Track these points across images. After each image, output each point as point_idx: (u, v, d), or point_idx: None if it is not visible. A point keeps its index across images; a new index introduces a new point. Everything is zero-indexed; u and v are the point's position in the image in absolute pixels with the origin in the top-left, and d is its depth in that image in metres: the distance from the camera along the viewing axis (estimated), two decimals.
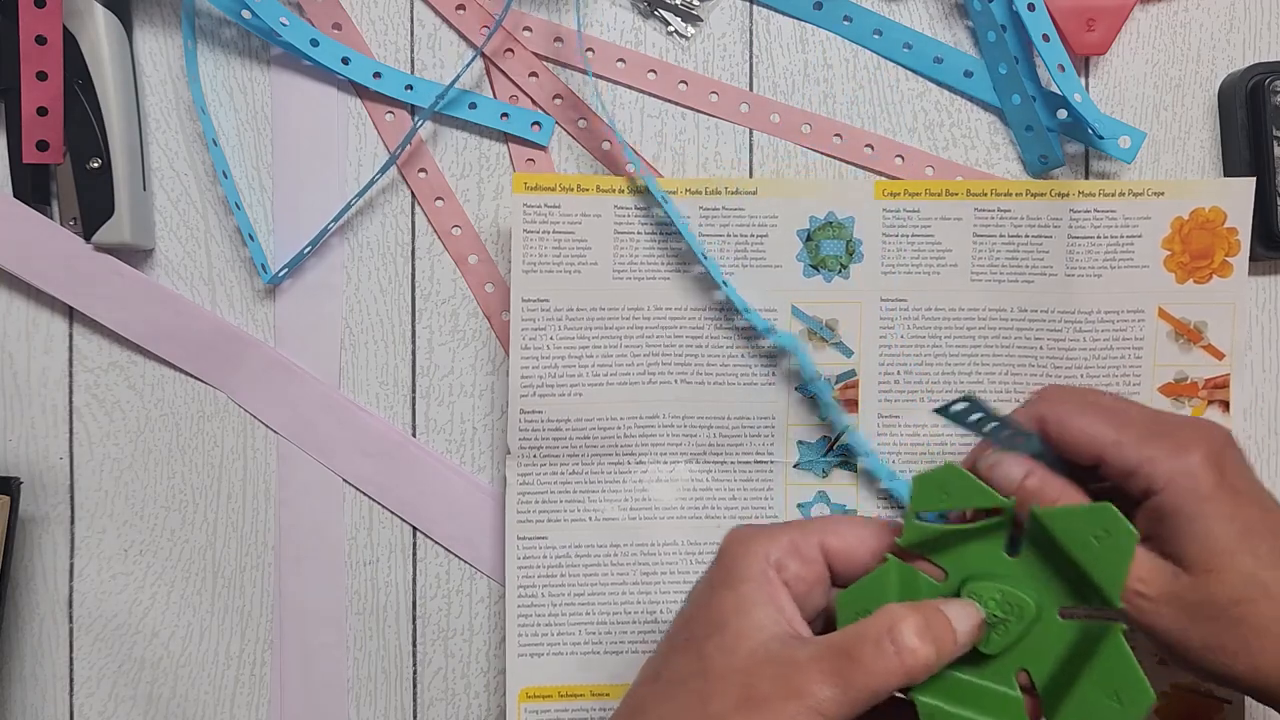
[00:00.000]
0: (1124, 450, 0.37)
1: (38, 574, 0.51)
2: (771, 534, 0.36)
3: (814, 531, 0.36)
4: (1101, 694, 0.34)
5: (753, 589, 0.34)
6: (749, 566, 0.35)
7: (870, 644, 0.33)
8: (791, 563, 0.35)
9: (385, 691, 0.51)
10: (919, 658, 0.33)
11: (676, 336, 0.50)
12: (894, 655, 0.33)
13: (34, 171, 0.50)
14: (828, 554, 0.36)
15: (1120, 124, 0.51)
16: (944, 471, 0.35)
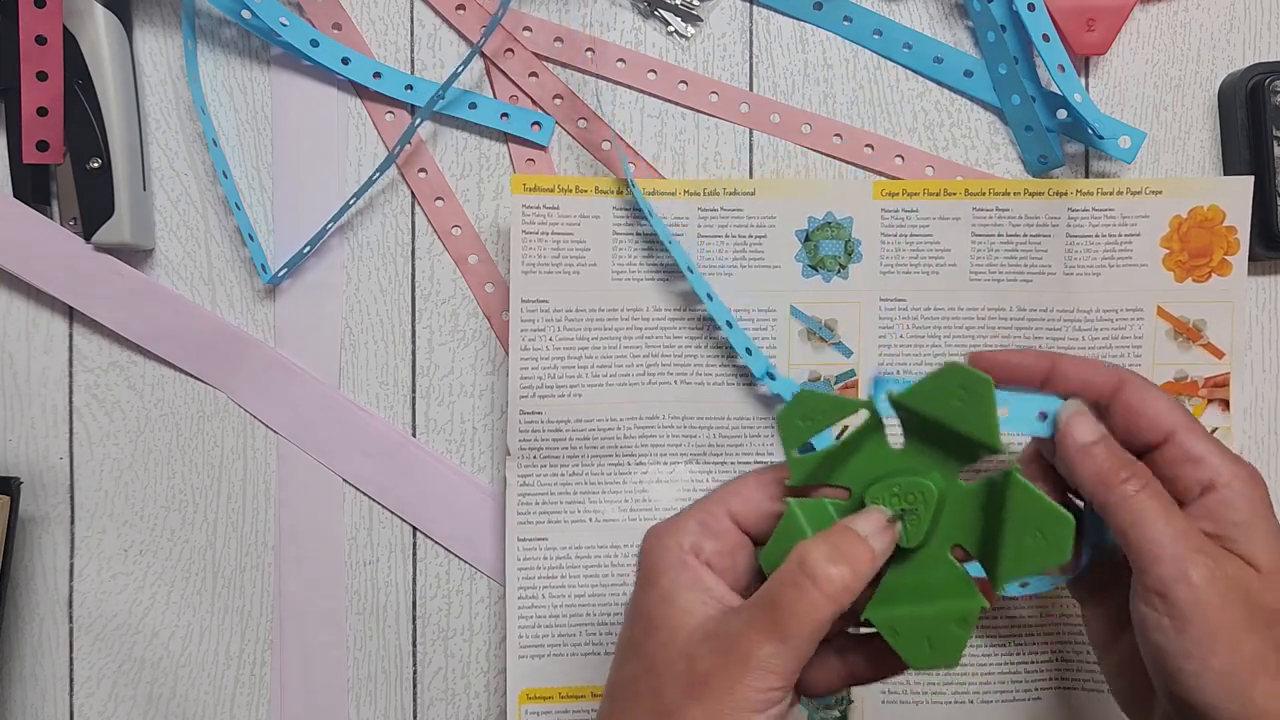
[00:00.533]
0: (1196, 437, 0.36)
1: (38, 574, 0.51)
2: (679, 522, 0.36)
3: (716, 503, 0.36)
4: (1026, 535, 0.34)
5: (673, 579, 0.35)
6: (664, 559, 0.35)
7: (789, 587, 0.33)
8: (706, 542, 0.35)
9: (385, 691, 0.51)
10: (836, 582, 0.33)
11: (676, 337, 0.50)
12: (814, 589, 0.33)
13: (34, 171, 0.50)
14: (737, 519, 0.36)
15: (1120, 124, 0.51)
16: (797, 400, 0.35)
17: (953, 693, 0.51)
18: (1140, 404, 0.37)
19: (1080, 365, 0.39)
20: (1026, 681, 0.51)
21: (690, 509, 0.36)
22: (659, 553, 0.35)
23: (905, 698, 0.51)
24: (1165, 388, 0.51)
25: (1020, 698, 0.51)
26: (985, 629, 0.51)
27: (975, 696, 0.51)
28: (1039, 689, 0.51)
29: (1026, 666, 0.51)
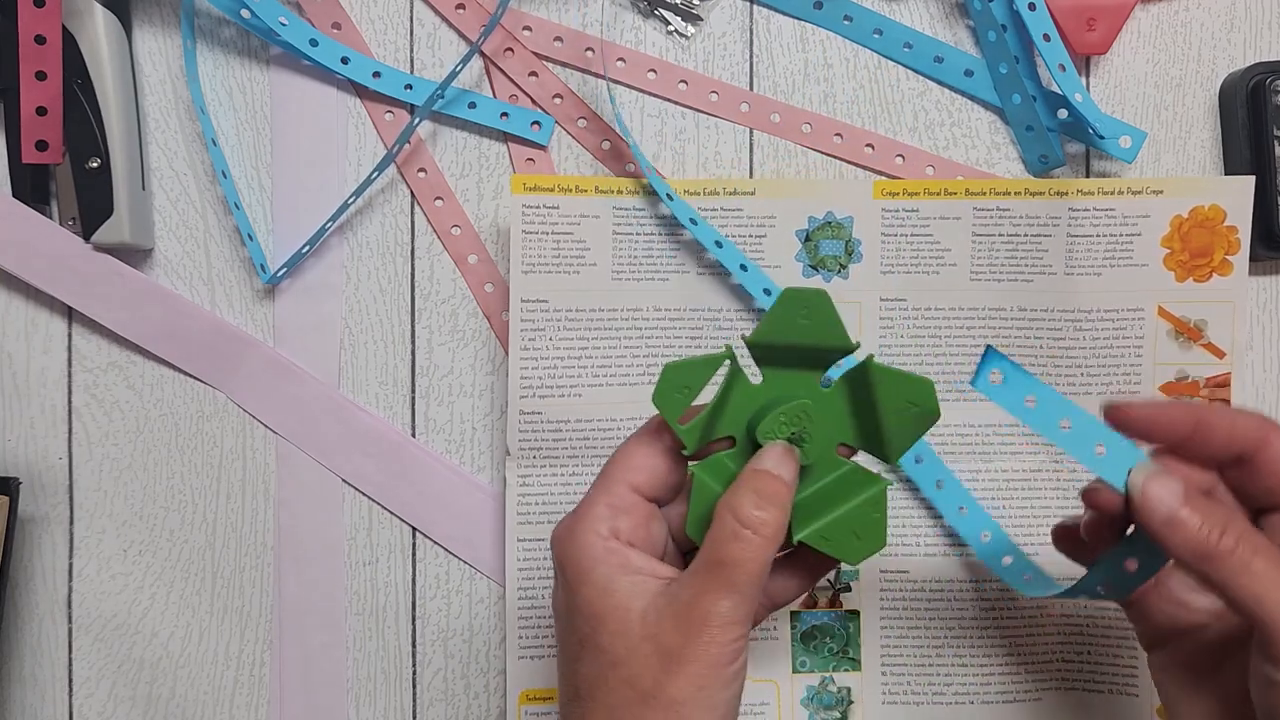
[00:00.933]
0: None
1: (37, 574, 0.51)
2: (586, 510, 0.36)
3: (615, 481, 0.36)
4: (901, 410, 0.36)
5: (604, 570, 0.35)
6: (588, 552, 0.35)
7: (729, 542, 0.34)
8: (620, 522, 0.36)
9: (385, 692, 0.51)
10: (771, 524, 0.34)
11: (676, 337, 0.50)
12: (753, 536, 0.34)
13: (33, 171, 0.50)
14: (639, 490, 0.36)
15: (1121, 124, 0.51)
16: (666, 376, 0.35)
17: (953, 693, 0.51)
18: (1217, 417, 0.36)
19: (1225, 416, 0.37)
20: (1027, 682, 0.51)
21: (591, 495, 0.36)
22: (580, 547, 0.35)
23: (905, 698, 0.51)
24: (1166, 388, 0.51)
25: (1021, 698, 0.51)
26: (986, 629, 0.51)
27: (975, 697, 0.51)
28: (1039, 689, 0.51)
29: (1027, 666, 0.51)
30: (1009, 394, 0.35)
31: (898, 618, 0.51)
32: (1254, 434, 0.36)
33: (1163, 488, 0.33)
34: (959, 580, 0.51)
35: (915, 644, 0.51)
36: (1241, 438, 0.36)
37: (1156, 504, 0.33)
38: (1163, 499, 0.33)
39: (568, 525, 0.36)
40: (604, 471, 0.37)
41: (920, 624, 0.51)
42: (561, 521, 0.37)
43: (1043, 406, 0.35)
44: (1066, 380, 0.51)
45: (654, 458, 0.36)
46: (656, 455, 0.37)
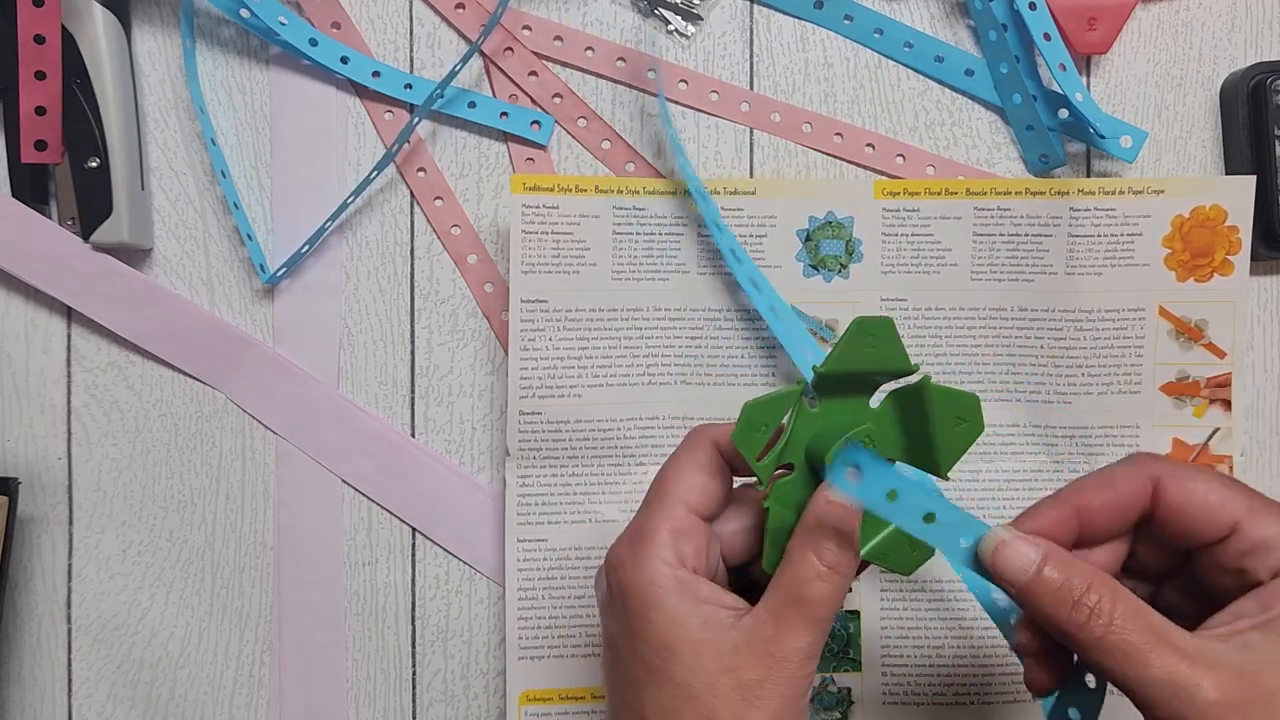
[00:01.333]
0: (1263, 519, 0.33)
1: (36, 575, 0.51)
2: (649, 538, 0.35)
3: (674, 504, 0.36)
4: (952, 425, 0.37)
5: (676, 600, 0.34)
6: (655, 580, 0.35)
7: (811, 582, 0.34)
8: (684, 548, 0.35)
9: (384, 692, 0.51)
10: (851, 560, 0.35)
11: (676, 337, 0.50)
12: (834, 575, 0.34)
13: (32, 171, 0.50)
14: (696, 511, 0.36)
15: (1122, 123, 0.51)
16: (746, 416, 0.35)
17: (953, 693, 0.51)
18: (1188, 505, 0.34)
19: (1100, 490, 0.35)
20: None
21: (650, 519, 0.36)
22: (646, 575, 0.35)
23: (905, 698, 0.51)
24: (1166, 388, 0.51)
25: (1021, 698, 0.51)
26: (987, 629, 0.51)
27: (976, 697, 0.51)
28: None
29: None
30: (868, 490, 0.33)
31: (898, 618, 0.51)
32: (1139, 488, 0.35)
33: (1010, 557, 0.33)
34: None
35: (915, 644, 0.51)
36: (1130, 502, 0.35)
37: (1008, 575, 0.33)
38: (1013, 568, 0.33)
39: (630, 551, 0.35)
40: (657, 493, 0.36)
41: (920, 624, 0.51)
42: (618, 545, 0.36)
43: (904, 499, 0.33)
44: (1067, 380, 0.51)
45: (706, 477, 0.36)
46: (708, 474, 0.36)
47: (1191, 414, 0.51)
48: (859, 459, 0.33)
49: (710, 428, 0.38)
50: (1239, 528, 0.33)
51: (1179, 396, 0.51)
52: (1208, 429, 0.51)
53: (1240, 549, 0.33)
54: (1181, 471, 0.34)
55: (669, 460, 0.37)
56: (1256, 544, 0.33)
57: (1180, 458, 0.51)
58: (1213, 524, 0.34)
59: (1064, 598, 0.32)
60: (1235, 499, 0.33)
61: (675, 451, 0.37)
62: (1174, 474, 0.34)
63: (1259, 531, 0.33)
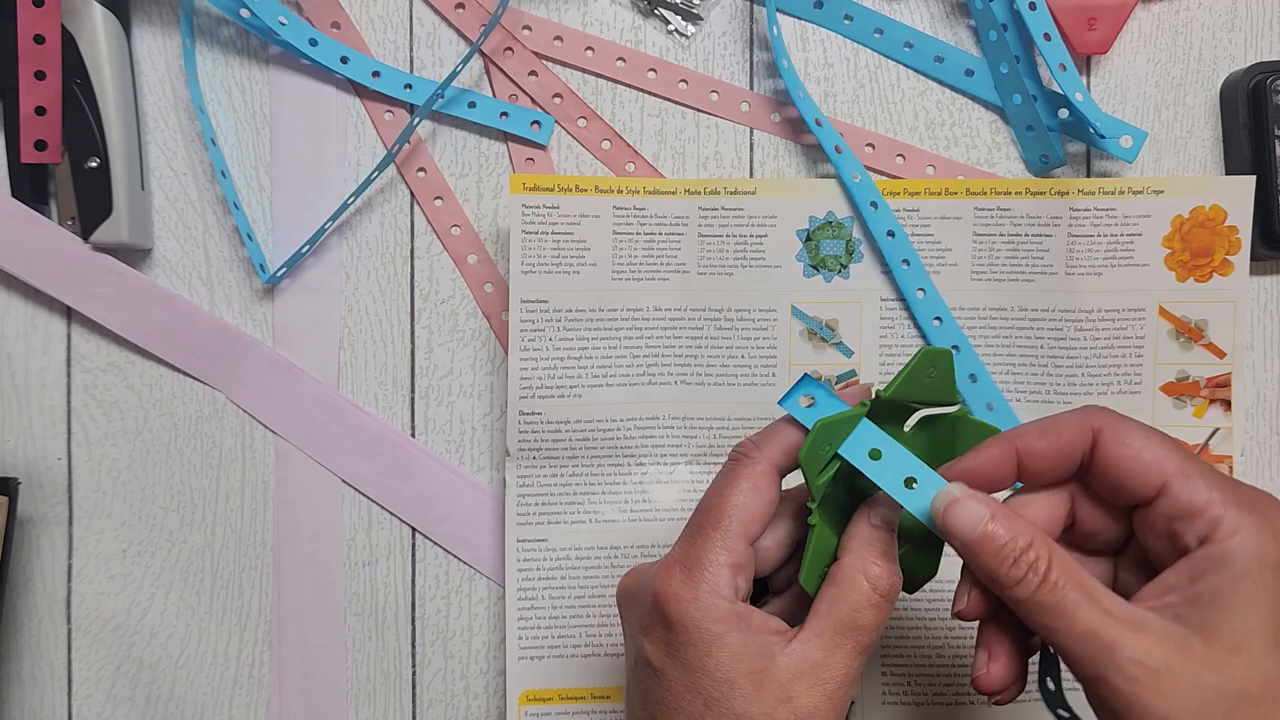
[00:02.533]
0: (1193, 484, 0.32)
1: (36, 575, 0.51)
2: (708, 573, 0.35)
3: (736, 537, 0.35)
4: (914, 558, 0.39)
5: (736, 635, 0.34)
6: (713, 615, 0.34)
7: (864, 608, 0.34)
8: (740, 580, 0.35)
9: (384, 693, 0.51)
10: (896, 587, 0.35)
11: (676, 337, 0.50)
12: (880, 599, 0.35)
13: (32, 171, 0.50)
14: (753, 541, 0.36)
15: (1122, 123, 0.51)
16: (817, 435, 0.36)
17: (953, 693, 0.51)
18: (1120, 458, 0.34)
19: (1043, 436, 0.35)
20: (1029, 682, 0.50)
21: (712, 552, 0.35)
22: (705, 610, 0.34)
23: (905, 698, 0.51)
24: (1167, 388, 0.51)
25: (1022, 699, 0.50)
26: None
27: (976, 697, 0.50)
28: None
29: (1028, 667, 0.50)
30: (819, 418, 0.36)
31: (898, 618, 0.51)
32: (1079, 437, 0.35)
33: (960, 514, 0.34)
34: None
35: (915, 644, 0.51)
36: (1070, 449, 0.35)
37: (957, 530, 0.34)
38: (962, 524, 0.34)
39: (689, 585, 0.35)
40: (716, 519, 0.35)
41: (920, 625, 0.51)
42: (672, 576, 0.35)
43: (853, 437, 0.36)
44: (1067, 380, 0.51)
45: (768, 504, 0.36)
46: (770, 501, 0.36)
47: (1191, 414, 0.51)
48: (813, 391, 0.36)
49: (767, 446, 0.37)
50: (1168, 489, 0.33)
51: (1179, 397, 0.51)
52: (1208, 429, 0.51)
53: (1169, 511, 0.33)
54: (1122, 426, 0.34)
55: (726, 482, 0.36)
56: (1184, 508, 0.32)
57: None
58: (1143, 481, 0.33)
59: (1005, 554, 0.33)
60: (1168, 459, 0.33)
61: (732, 472, 0.36)
62: (1114, 427, 0.34)
63: (1187, 495, 0.32)
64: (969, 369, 0.51)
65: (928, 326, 0.51)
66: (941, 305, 0.51)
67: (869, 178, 0.50)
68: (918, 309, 0.51)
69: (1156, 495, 0.33)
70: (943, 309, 0.51)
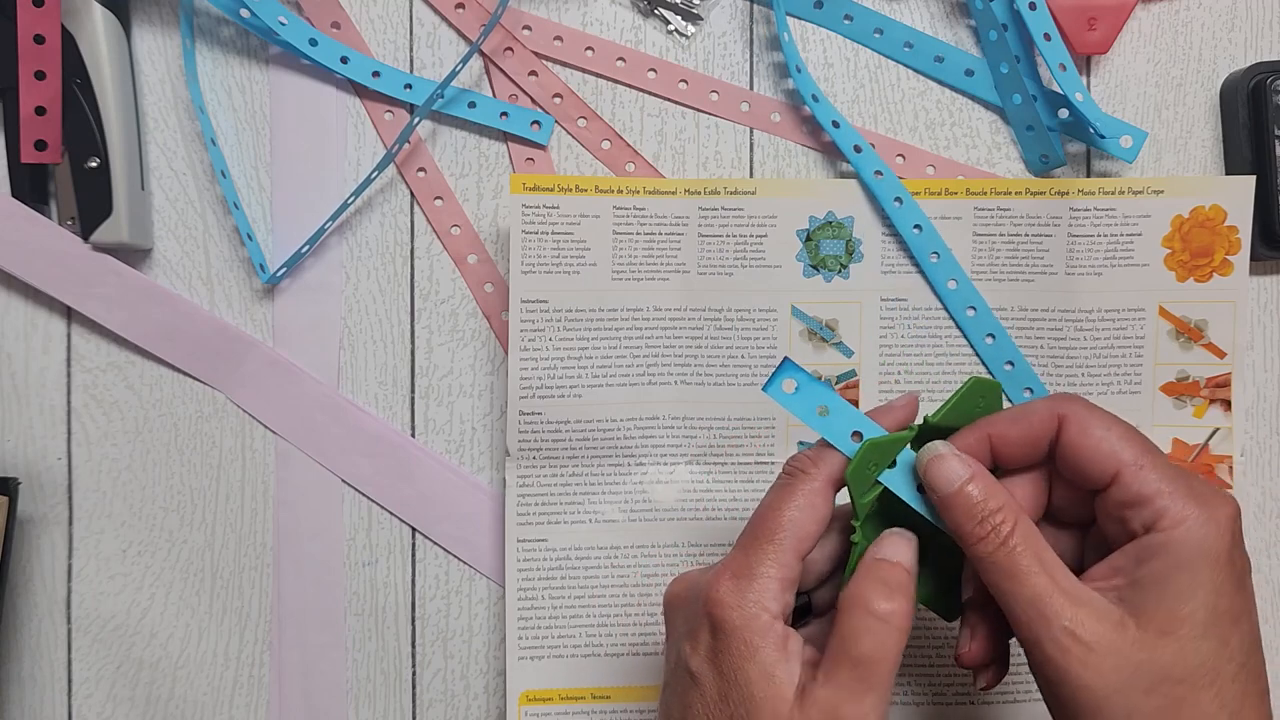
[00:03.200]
0: (1144, 474, 0.34)
1: (36, 575, 0.51)
2: (758, 583, 0.35)
3: (790, 553, 0.35)
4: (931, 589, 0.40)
5: (771, 652, 0.34)
6: (755, 627, 0.34)
7: (862, 636, 0.34)
8: (788, 597, 0.35)
9: (384, 693, 0.51)
10: (901, 613, 0.34)
11: (676, 337, 0.50)
12: (884, 627, 0.34)
13: (32, 171, 0.50)
14: (805, 557, 0.36)
15: (1122, 123, 0.51)
16: (865, 453, 0.37)
17: (953, 694, 0.51)
18: (1081, 446, 0.36)
19: (1014, 423, 0.37)
20: (1028, 682, 0.50)
21: (764, 564, 0.35)
22: (749, 620, 0.34)
23: (906, 699, 0.51)
24: (1166, 388, 0.51)
25: (1021, 698, 0.51)
26: None
27: (977, 697, 0.51)
28: None
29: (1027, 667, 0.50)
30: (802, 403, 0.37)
31: None
32: (1046, 424, 0.37)
33: (939, 470, 0.36)
34: None
35: (914, 644, 0.51)
36: (1038, 436, 0.37)
37: (934, 484, 0.36)
38: (940, 479, 0.36)
39: (736, 592, 0.35)
40: (773, 532, 0.36)
41: (920, 624, 0.51)
42: (721, 582, 0.35)
43: (835, 415, 0.37)
44: (1068, 380, 0.51)
45: (822, 522, 0.36)
46: (824, 519, 0.36)
47: (1191, 414, 0.51)
48: (796, 376, 0.37)
49: (824, 463, 0.37)
50: (1120, 477, 0.35)
51: (1179, 397, 0.51)
52: (1208, 429, 0.51)
53: (1119, 498, 0.35)
54: (1087, 415, 0.36)
55: (784, 496, 0.36)
56: (1133, 496, 0.34)
57: (1180, 458, 0.51)
58: (1099, 469, 0.35)
59: (975, 514, 0.35)
60: (1125, 450, 0.35)
61: (790, 487, 0.36)
62: (1078, 416, 0.36)
63: (1137, 485, 0.34)
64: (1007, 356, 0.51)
65: (962, 317, 0.51)
66: (975, 294, 0.51)
67: (892, 174, 0.50)
68: (950, 300, 0.51)
69: (1111, 483, 0.35)
70: (977, 298, 0.51)
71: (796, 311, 0.51)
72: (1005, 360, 0.51)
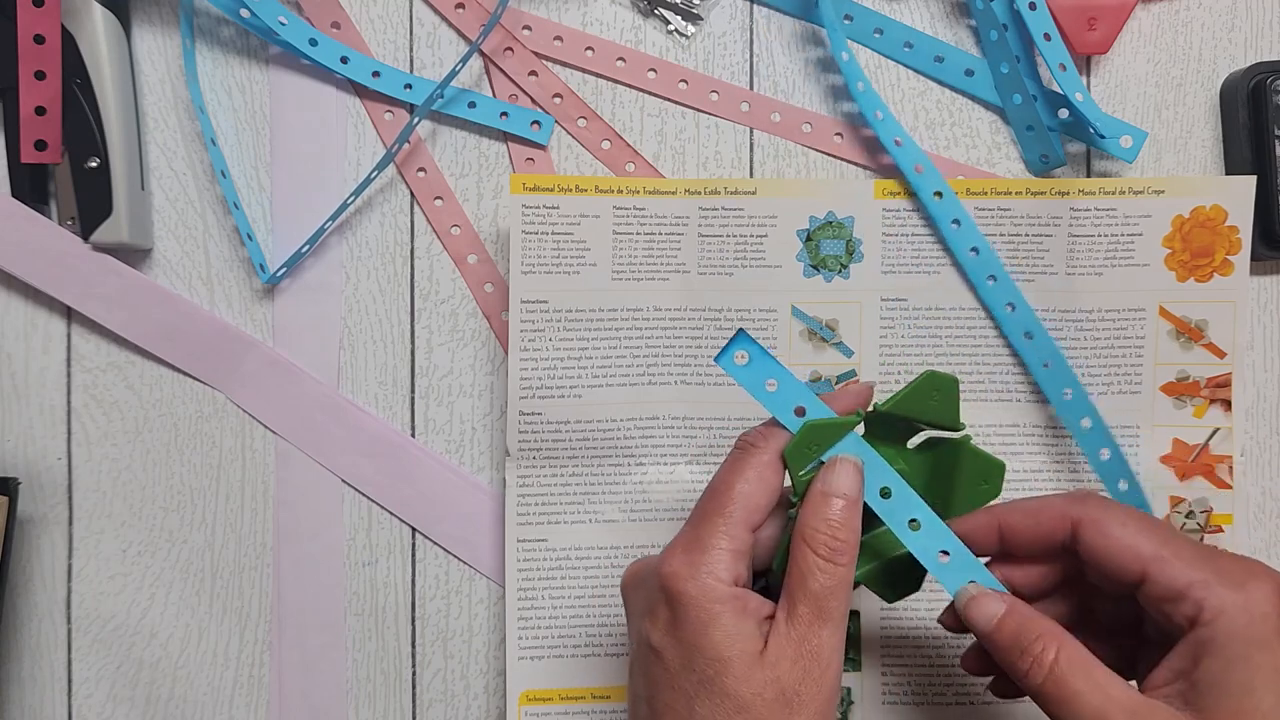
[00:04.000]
0: (1171, 568, 0.34)
1: (36, 575, 0.51)
2: (709, 556, 0.35)
3: (739, 525, 0.36)
4: (976, 484, 0.40)
5: (731, 616, 0.35)
6: (711, 596, 0.35)
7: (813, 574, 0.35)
8: (740, 566, 0.36)
9: (384, 693, 0.51)
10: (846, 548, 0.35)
11: (676, 337, 0.50)
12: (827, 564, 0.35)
13: (32, 171, 0.50)
14: (755, 528, 0.37)
15: (1122, 123, 0.51)
16: (804, 435, 0.37)
17: (953, 694, 0.51)
18: (1099, 549, 0.36)
19: (1025, 517, 0.38)
20: None
21: (714, 536, 0.36)
22: (704, 590, 0.35)
23: (905, 698, 0.51)
24: (1167, 388, 0.51)
25: (1021, 698, 0.50)
26: None
27: (976, 697, 0.50)
28: None
29: None
30: (751, 376, 0.37)
31: (897, 618, 0.51)
32: (1056, 529, 0.37)
33: (977, 611, 0.36)
34: None
35: (915, 644, 0.51)
36: (1051, 536, 0.37)
37: (976, 623, 0.36)
38: (979, 617, 0.36)
39: (689, 566, 0.35)
40: (720, 505, 0.36)
41: (920, 624, 0.51)
42: (674, 558, 0.36)
43: (783, 390, 0.37)
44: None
45: (771, 494, 0.37)
46: (772, 490, 0.37)
47: (1192, 414, 0.51)
48: (749, 348, 0.37)
49: (772, 438, 0.38)
50: (1147, 574, 0.35)
51: (1179, 396, 0.51)
52: (1208, 429, 0.51)
53: (1154, 594, 0.35)
54: (1101, 515, 0.36)
55: (733, 470, 0.37)
56: (1165, 591, 0.34)
57: (1180, 458, 0.51)
58: (1123, 569, 0.35)
59: (1017, 646, 0.35)
60: (1145, 544, 0.35)
61: (738, 460, 0.37)
62: (1093, 518, 0.36)
63: (1165, 579, 0.34)
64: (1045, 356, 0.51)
65: (1001, 313, 0.50)
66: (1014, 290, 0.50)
67: (933, 168, 0.50)
68: (989, 296, 0.50)
69: (1141, 580, 0.35)
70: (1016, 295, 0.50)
71: (796, 311, 0.51)
72: (1043, 360, 0.50)
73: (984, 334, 0.51)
